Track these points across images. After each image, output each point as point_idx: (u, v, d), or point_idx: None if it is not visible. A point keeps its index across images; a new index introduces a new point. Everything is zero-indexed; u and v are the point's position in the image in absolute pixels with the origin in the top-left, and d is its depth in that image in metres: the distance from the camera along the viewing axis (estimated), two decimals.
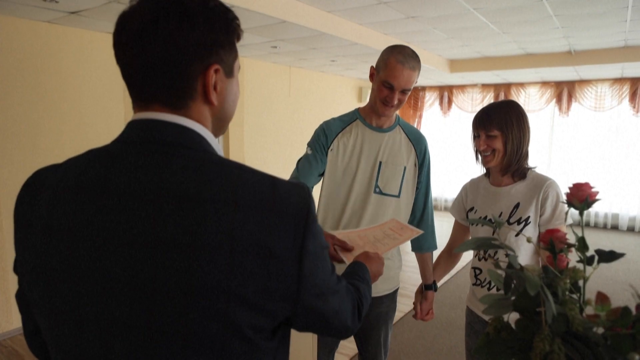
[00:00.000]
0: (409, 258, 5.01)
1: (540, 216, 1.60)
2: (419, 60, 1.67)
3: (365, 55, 5.06)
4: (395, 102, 1.67)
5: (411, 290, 4.43)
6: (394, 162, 1.77)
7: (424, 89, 8.41)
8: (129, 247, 0.64)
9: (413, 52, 1.65)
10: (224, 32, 0.72)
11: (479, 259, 1.75)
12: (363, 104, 8.67)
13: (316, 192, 1.81)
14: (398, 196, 1.78)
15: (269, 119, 5.77)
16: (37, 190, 0.73)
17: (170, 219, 0.63)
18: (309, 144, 1.82)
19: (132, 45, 0.68)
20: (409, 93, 1.69)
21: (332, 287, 0.76)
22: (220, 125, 0.79)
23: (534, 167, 1.70)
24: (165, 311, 0.63)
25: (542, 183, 1.61)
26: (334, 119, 1.84)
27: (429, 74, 6.55)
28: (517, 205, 1.64)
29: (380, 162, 1.77)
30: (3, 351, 3.18)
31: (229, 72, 0.75)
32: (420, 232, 1.45)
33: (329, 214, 1.81)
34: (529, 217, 1.61)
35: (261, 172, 0.70)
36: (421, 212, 1.88)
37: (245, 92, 5.38)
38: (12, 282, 3.34)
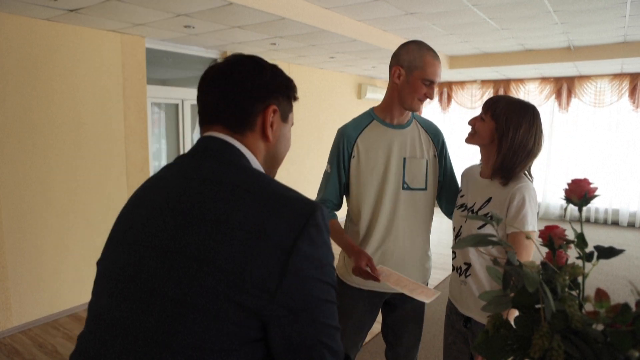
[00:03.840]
0: None
1: (506, 217, 1.56)
2: None
3: (364, 52, 5.04)
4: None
5: None
6: (417, 156, 1.81)
7: None
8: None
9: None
10: (284, 86, 0.90)
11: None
12: (363, 100, 8.59)
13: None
14: (425, 189, 1.82)
15: None
16: None
17: (198, 198, 0.76)
18: (328, 161, 1.86)
19: (210, 89, 0.87)
20: None
21: (324, 316, 0.73)
22: (271, 163, 0.93)
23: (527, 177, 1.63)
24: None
25: (515, 185, 1.57)
26: (347, 125, 1.84)
27: None
28: (489, 200, 1.64)
29: (405, 158, 1.79)
30: (3, 349, 3.18)
31: (285, 118, 0.92)
32: (437, 293, 1.57)
33: (361, 218, 1.81)
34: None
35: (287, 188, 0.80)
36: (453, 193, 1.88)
37: None
38: (11, 281, 3.33)
